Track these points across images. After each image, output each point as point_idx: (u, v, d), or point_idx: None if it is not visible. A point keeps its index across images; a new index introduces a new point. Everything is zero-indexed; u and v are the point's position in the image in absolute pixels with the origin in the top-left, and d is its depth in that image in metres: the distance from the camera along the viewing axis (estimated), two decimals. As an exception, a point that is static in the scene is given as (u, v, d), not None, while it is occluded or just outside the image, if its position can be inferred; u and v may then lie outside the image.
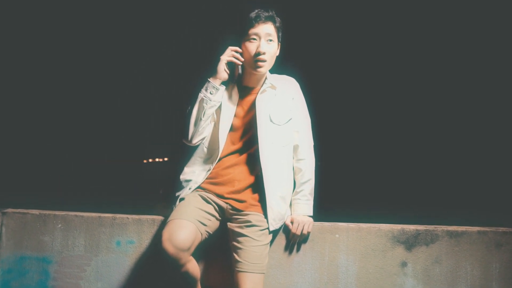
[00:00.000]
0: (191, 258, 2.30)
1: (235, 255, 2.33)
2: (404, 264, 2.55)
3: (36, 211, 2.85)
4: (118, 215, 2.76)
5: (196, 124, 2.52)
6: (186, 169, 2.63)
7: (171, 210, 2.48)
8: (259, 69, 2.48)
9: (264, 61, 2.46)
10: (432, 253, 2.55)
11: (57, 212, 2.82)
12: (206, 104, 2.49)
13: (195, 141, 2.57)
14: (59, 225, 2.79)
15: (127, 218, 2.74)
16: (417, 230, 2.57)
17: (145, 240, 2.70)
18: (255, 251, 2.30)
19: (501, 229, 2.57)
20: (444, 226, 2.59)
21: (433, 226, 2.59)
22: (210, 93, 2.49)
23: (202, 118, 2.51)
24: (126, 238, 2.72)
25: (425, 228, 2.57)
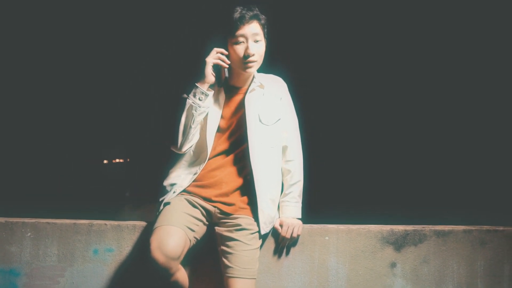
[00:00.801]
0: (180, 266, 2.17)
1: (224, 260, 2.22)
2: (393, 265, 2.55)
3: (1, 219, 2.61)
4: (95, 221, 2.57)
5: (185, 132, 2.37)
6: (170, 174, 2.50)
7: (155, 216, 2.34)
8: (248, 70, 2.38)
9: (254, 61, 2.35)
10: (420, 253, 2.55)
11: (26, 220, 2.60)
12: (196, 111, 2.34)
13: (184, 149, 2.43)
14: (29, 234, 2.56)
15: (105, 224, 2.56)
16: (405, 230, 2.57)
17: (126, 247, 2.54)
18: (246, 256, 2.21)
19: (485, 227, 2.61)
20: (432, 226, 2.60)
21: (421, 226, 2.60)
22: (199, 99, 2.35)
23: (192, 125, 2.36)
24: (104, 246, 2.54)
25: (413, 228, 2.58)
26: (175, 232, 2.13)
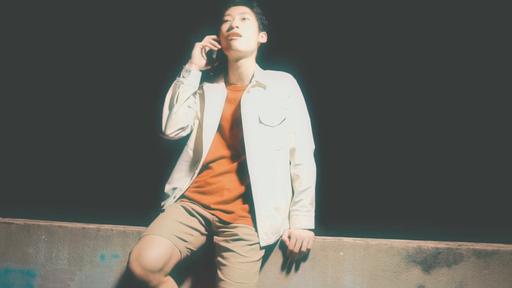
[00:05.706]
0: (167, 279, 2.03)
1: (218, 272, 2.04)
2: (421, 288, 2.17)
3: (20, 221, 2.69)
4: (102, 226, 2.55)
5: (170, 110, 2.32)
6: (173, 175, 2.39)
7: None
8: (232, 43, 2.28)
9: (237, 35, 2.27)
10: (456, 276, 2.15)
11: (41, 222, 2.65)
12: (179, 88, 2.33)
13: (169, 131, 2.33)
14: (43, 236, 2.61)
15: (112, 229, 2.52)
16: (436, 248, 2.18)
17: (130, 254, 2.47)
18: (240, 269, 2.00)
19: (541, 248, 2.13)
20: (470, 244, 2.18)
21: (456, 244, 2.19)
22: (183, 76, 2.35)
23: (175, 103, 2.31)
24: (110, 251, 2.50)
25: (446, 245, 2.18)
26: (159, 242, 1.99)
